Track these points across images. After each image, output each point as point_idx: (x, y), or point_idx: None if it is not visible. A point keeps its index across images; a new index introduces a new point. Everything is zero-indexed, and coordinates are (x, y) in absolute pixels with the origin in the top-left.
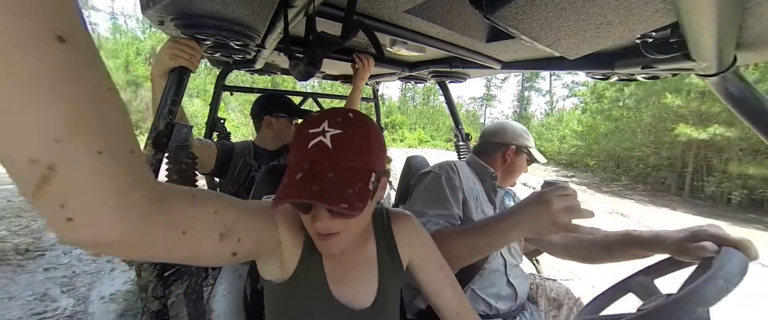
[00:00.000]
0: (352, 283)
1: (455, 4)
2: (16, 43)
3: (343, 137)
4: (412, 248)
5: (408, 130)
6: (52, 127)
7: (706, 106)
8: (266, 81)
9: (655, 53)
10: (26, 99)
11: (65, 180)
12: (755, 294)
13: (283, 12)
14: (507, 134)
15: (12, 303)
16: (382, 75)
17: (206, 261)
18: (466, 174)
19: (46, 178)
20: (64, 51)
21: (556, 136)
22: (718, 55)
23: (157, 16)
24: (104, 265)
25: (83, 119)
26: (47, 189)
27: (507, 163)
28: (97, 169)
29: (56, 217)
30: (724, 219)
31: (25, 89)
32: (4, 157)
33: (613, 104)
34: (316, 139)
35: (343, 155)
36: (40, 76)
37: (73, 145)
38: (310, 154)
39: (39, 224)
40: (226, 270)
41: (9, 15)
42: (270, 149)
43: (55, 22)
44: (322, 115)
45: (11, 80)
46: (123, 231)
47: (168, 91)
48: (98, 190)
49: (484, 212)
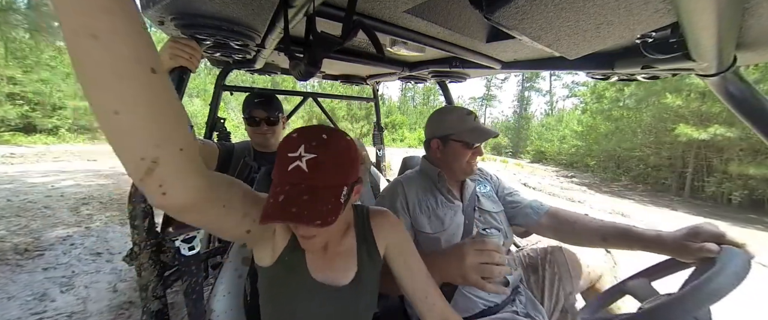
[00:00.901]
0: (332, 270)
1: (455, 4)
2: (132, 78)
3: (317, 161)
4: (388, 239)
5: (408, 130)
6: (155, 136)
7: (706, 106)
8: (266, 81)
9: (655, 53)
10: (138, 118)
11: (163, 169)
12: (755, 294)
13: (283, 12)
14: (430, 127)
15: (11, 302)
16: (382, 75)
17: (229, 234)
18: (415, 187)
19: (150, 169)
20: (156, 80)
21: (556, 136)
22: (718, 55)
23: (157, 16)
24: (104, 265)
25: (172, 128)
26: (151, 175)
27: (440, 157)
28: (180, 162)
29: (156, 192)
30: (724, 220)
31: (137, 111)
32: (122, 156)
33: (613, 104)
34: (294, 163)
35: (318, 178)
36: (146, 101)
37: (167, 147)
38: (288, 177)
39: (38, 224)
40: (226, 270)
41: (128, 61)
42: (262, 150)
43: (150, 59)
44: (298, 137)
45: (128, 107)
46: (193, 200)
47: None
48: (181, 174)
49: (439, 217)
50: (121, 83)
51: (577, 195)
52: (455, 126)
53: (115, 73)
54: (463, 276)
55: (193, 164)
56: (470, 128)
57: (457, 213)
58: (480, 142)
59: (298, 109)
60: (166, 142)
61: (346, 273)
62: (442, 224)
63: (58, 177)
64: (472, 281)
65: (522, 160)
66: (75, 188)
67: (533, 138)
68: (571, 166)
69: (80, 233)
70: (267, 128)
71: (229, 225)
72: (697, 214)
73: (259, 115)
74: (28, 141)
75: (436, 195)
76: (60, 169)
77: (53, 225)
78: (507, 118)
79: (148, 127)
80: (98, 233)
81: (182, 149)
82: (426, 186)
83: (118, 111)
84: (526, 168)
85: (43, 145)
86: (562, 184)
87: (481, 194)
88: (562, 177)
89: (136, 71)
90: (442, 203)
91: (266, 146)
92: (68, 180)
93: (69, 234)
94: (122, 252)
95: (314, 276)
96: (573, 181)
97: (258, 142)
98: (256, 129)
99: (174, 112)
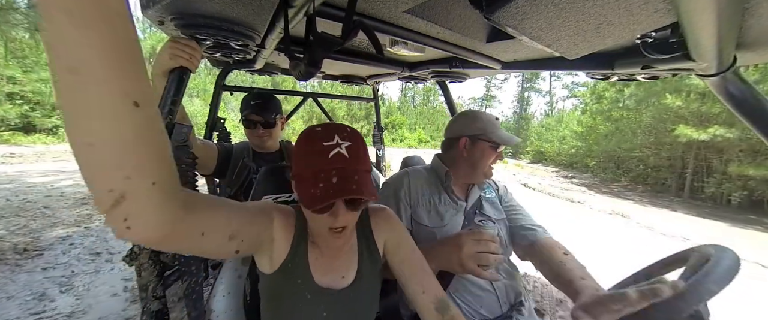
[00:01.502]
0: (335, 271)
1: (455, 4)
2: (111, 115)
3: (353, 148)
4: (387, 235)
5: (408, 130)
6: (127, 169)
7: (706, 106)
8: (266, 81)
9: (655, 53)
10: (113, 152)
11: (130, 203)
12: (755, 295)
13: (283, 12)
14: (459, 126)
15: (10, 302)
16: (382, 75)
17: (215, 256)
18: (421, 180)
19: (117, 202)
20: (139, 114)
21: (556, 136)
22: (718, 55)
23: (157, 16)
24: (103, 265)
25: (147, 162)
26: (117, 208)
27: (465, 157)
28: (150, 196)
29: (120, 226)
30: (724, 221)
31: (114, 146)
32: (90, 185)
33: (613, 105)
34: (335, 150)
35: (359, 162)
36: (123, 137)
37: (139, 180)
38: (333, 163)
39: (37, 223)
40: (226, 270)
41: (108, 98)
42: (260, 151)
43: (136, 92)
44: (330, 129)
45: (104, 142)
46: (161, 234)
47: (168, 91)
48: (149, 209)
49: (439, 213)
50: (98, 120)
51: (576, 196)
52: (486, 128)
53: (93, 109)
54: (461, 265)
55: (166, 197)
56: (500, 131)
57: (458, 213)
58: (508, 144)
59: (298, 109)
60: (138, 175)
61: (347, 273)
62: (441, 220)
63: (57, 177)
64: (469, 269)
65: (522, 161)
66: (74, 188)
67: (533, 138)
68: (570, 167)
69: (80, 233)
70: (263, 131)
71: (211, 249)
72: (697, 215)
73: (255, 119)
74: (27, 140)
75: (440, 192)
76: (59, 169)
77: (53, 225)
78: (507, 118)
79: (121, 161)
80: (98, 233)
81: (155, 183)
82: (432, 182)
83: (93, 144)
84: (526, 168)
85: (42, 145)
86: (561, 185)
87: (485, 200)
88: (561, 178)
89: (116, 107)
90: (445, 201)
91: (264, 147)
92: (68, 180)
93: (68, 233)
94: (122, 252)
95: (317, 281)
96: (573, 182)
97: (256, 144)
98: (253, 131)
99: (154, 145)
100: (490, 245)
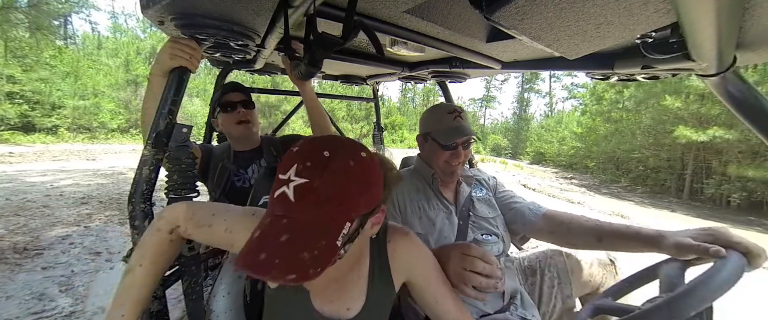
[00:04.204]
0: (339, 301)
1: (455, 4)
2: None
3: (308, 188)
4: (410, 271)
5: (408, 130)
6: None
7: (705, 108)
8: (266, 81)
9: (655, 53)
10: None
11: None
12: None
13: (283, 12)
14: (421, 122)
15: (9, 302)
16: (382, 75)
17: None
18: (406, 186)
19: None
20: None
21: (556, 137)
22: (718, 56)
23: (157, 16)
24: (103, 264)
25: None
26: None
27: (424, 155)
28: None
29: None
30: (723, 222)
31: None
32: None
33: (612, 106)
34: (281, 188)
35: (306, 210)
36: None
37: None
38: (272, 207)
39: (37, 223)
40: (226, 270)
41: None
42: (239, 150)
43: None
44: (294, 155)
45: None
46: None
47: (168, 91)
48: None
49: (430, 218)
50: None
51: (576, 197)
52: (435, 124)
53: None
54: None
55: None
56: (446, 128)
57: (450, 215)
58: (448, 141)
59: (298, 109)
60: None
61: (354, 304)
62: (432, 225)
63: (57, 177)
64: (454, 285)
65: (521, 162)
66: (74, 187)
67: (533, 139)
68: (570, 168)
69: (79, 232)
70: (245, 111)
71: None
72: (697, 216)
73: (235, 98)
74: (27, 140)
75: (428, 195)
76: (59, 168)
77: (52, 225)
78: (506, 119)
79: None
80: (97, 232)
81: None
82: (418, 187)
83: None
84: (526, 169)
85: (42, 144)
86: (561, 185)
87: (476, 198)
88: (561, 179)
89: None
90: (434, 205)
91: (245, 136)
92: (67, 179)
93: (68, 233)
94: (121, 251)
95: (318, 309)
96: (572, 183)
97: (237, 133)
98: (233, 114)
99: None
100: (477, 263)
